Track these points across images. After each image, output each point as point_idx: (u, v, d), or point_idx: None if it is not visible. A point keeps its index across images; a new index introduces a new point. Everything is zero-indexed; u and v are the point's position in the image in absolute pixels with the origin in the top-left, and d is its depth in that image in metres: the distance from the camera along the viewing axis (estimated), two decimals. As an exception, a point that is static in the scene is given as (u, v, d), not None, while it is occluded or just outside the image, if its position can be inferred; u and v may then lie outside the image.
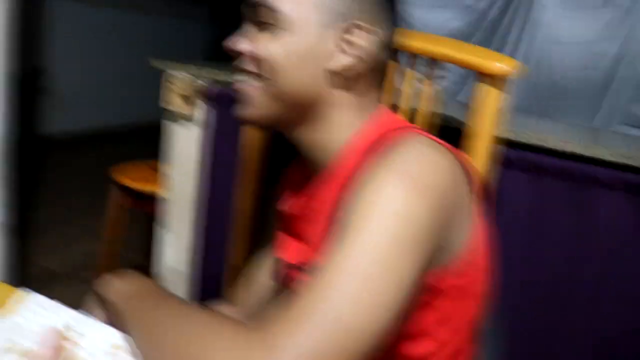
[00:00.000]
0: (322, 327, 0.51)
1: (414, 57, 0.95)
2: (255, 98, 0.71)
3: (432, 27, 4.40)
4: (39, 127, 4.78)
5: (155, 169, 1.89)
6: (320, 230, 0.72)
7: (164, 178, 1.46)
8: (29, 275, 2.32)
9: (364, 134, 0.73)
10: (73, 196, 3.56)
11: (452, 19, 4.42)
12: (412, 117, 0.98)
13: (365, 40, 0.69)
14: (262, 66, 0.69)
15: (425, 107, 0.96)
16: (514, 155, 1.07)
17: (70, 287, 2.32)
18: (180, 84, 1.28)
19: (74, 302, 0.65)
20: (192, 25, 6.93)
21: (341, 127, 0.73)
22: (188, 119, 1.35)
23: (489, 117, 0.87)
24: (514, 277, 1.11)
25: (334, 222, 0.68)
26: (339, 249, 0.55)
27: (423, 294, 0.63)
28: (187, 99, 1.30)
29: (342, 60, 0.69)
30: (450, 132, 1.04)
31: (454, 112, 1.15)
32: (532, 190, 1.09)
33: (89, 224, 3.05)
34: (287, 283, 0.80)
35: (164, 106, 1.33)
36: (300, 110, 0.72)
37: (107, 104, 5.65)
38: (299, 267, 0.78)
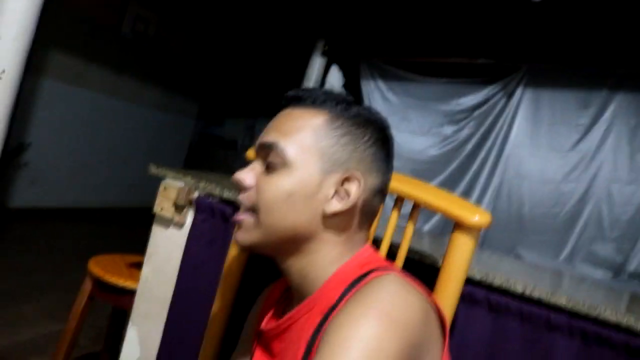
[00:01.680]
0: None
1: (401, 199, 1.04)
2: (250, 229, 0.78)
3: (414, 152, 4.65)
4: (11, 199, 4.75)
5: (129, 263, 1.91)
6: (297, 354, 0.76)
7: (141, 274, 1.48)
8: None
9: (347, 269, 0.78)
10: (33, 273, 3.48)
11: (432, 147, 4.67)
12: (393, 250, 1.05)
13: (360, 189, 0.76)
14: (259, 203, 0.76)
15: (406, 244, 1.03)
16: (479, 295, 1.13)
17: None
18: (176, 193, 1.34)
19: None
20: (180, 119, 7.12)
21: (327, 261, 0.79)
22: (177, 226, 1.40)
23: (462, 263, 0.94)
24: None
25: (311, 349, 0.73)
26: None
27: None
28: (179, 207, 1.36)
29: (337, 206, 0.76)
30: (426, 269, 1.12)
31: (434, 250, 1.22)
32: (492, 329, 1.13)
33: (46, 304, 2.97)
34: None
35: (157, 212, 1.38)
36: (291, 243, 0.78)
37: (85, 183, 5.66)
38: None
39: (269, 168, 0.77)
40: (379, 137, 0.81)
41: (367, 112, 0.81)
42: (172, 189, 1.36)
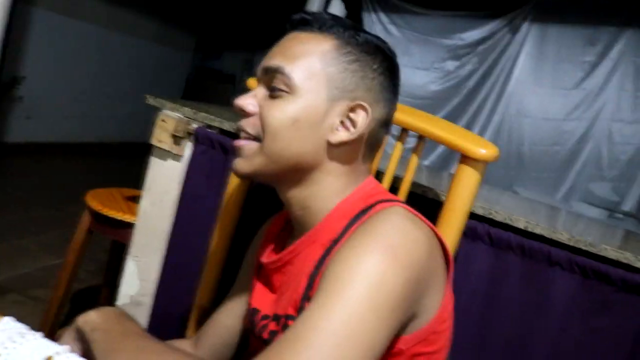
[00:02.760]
0: None
1: (405, 131, 1.01)
2: (252, 155, 0.75)
3: (415, 87, 4.58)
4: (7, 134, 4.71)
5: (127, 197, 1.90)
6: (299, 287, 0.75)
7: (139, 208, 1.47)
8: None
9: (350, 202, 0.77)
10: (31, 207, 3.50)
11: (433, 82, 4.60)
12: (395, 184, 1.04)
13: (366, 119, 0.74)
14: (264, 130, 0.73)
15: (409, 177, 1.01)
16: (481, 229, 1.13)
17: (20, 304, 2.26)
18: (174, 124, 1.31)
19: (22, 321, 0.65)
20: (177, 53, 6.98)
21: (330, 192, 0.77)
22: (175, 158, 1.37)
23: (466, 196, 0.92)
24: (466, 345, 1.15)
25: (313, 282, 0.72)
26: (318, 309, 0.59)
27: (390, 357, 0.67)
28: (178, 139, 1.33)
29: (342, 135, 0.74)
30: (429, 203, 1.11)
31: (433, 184, 1.20)
32: (493, 264, 1.13)
33: (45, 238, 3.00)
34: (259, 332, 0.82)
35: (154, 143, 1.35)
36: (294, 173, 0.76)
37: (80, 118, 5.61)
38: (273, 318, 0.81)
39: (273, 93, 0.74)
40: (388, 65, 0.78)
41: (376, 39, 0.78)
42: (170, 120, 1.32)
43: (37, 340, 0.62)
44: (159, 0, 6.25)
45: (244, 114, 0.76)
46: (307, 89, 0.72)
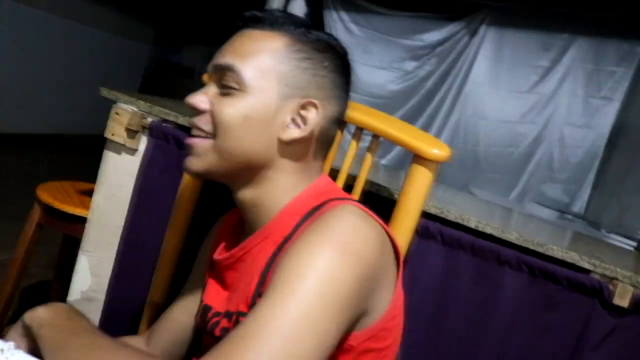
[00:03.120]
0: None
1: (360, 129, 1.02)
2: (204, 153, 0.75)
3: (374, 86, 4.61)
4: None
5: (80, 191, 1.86)
6: (251, 284, 0.75)
7: (92, 202, 1.44)
8: None
9: (302, 199, 0.77)
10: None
11: (392, 82, 4.64)
12: (350, 182, 1.05)
13: (318, 117, 0.74)
14: (217, 126, 0.73)
15: (364, 175, 1.02)
16: (433, 228, 1.15)
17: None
18: (128, 118, 1.29)
19: None
20: (136, 45, 6.84)
21: (282, 190, 0.78)
22: (130, 152, 1.35)
23: (419, 195, 0.94)
24: (418, 342, 1.17)
25: (265, 278, 0.72)
26: (268, 305, 0.59)
27: (341, 353, 0.68)
28: (132, 132, 1.31)
29: (294, 133, 0.74)
30: (382, 201, 1.12)
31: (388, 183, 1.22)
32: (444, 262, 1.16)
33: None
34: (211, 329, 0.82)
35: (108, 136, 1.33)
36: (246, 171, 0.76)
37: (35, 109, 5.43)
38: (225, 315, 0.80)
39: (224, 91, 0.74)
40: (339, 63, 0.79)
41: (327, 37, 0.79)
42: (124, 113, 1.30)
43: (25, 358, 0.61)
44: (118, -10, 6.11)
45: (196, 111, 0.76)
46: (258, 86, 0.72)
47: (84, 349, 0.64)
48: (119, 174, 1.38)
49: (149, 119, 1.32)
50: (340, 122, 0.82)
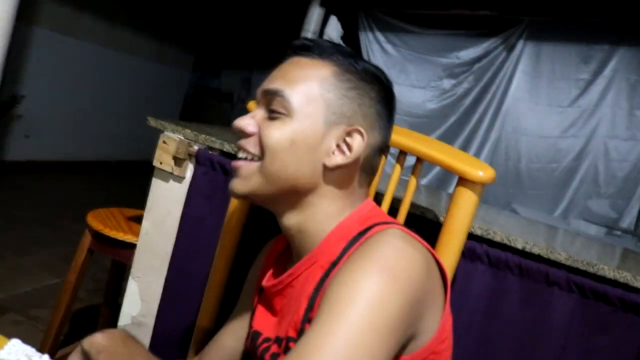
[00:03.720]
0: None
1: (404, 153, 1.03)
2: (249, 176, 0.76)
3: (412, 105, 4.61)
4: (6, 152, 4.72)
5: (128, 217, 1.91)
6: (299, 309, 0.76)
7: (141, 228, 1.48)
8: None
9: (347, 224, 0.78)
10: (30, 226, 3.50)
11: (430, 101, 4.63)
12: (395, 205, 1.05)
13: (362, 144, 0.76)
14: (263, 149, 0.75)
15: (408, 198, 1.02)
16: (479, 250, 1.14)
17: (19, 324, 2.25)
18: (175, 146, 1.32)
19: (23, 341, 0.66)
20: (176, 71, 7.02)
21: (327, 216, 0.79)
22: (177, 179, 1.39)
23: (465, 218, 0.94)
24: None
25: (313, 304, 0.73)
26: (318, 330, 0.60)
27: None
28: (179, 160, 1.34)
29: (339, 159, 0.75)
30: (427, 223, 1.12)
31: (431, 205, 1.22)
32: (491, 284, 1.14)
33: (44, 257, 2.99)
34: (261, 355, 0.83)
35: (156, 165, 1.37)
36: (290, 195, 0.77)
37: (79, 136, 5.62)
38: (275, 341, 0.81)
39: (272, 115, 0.76)
40: (384, 95, 0.80)
41: (374, 68, 0.80)
42: (171, 141, 1.34)
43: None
44: (158, 19, 6.30)
45: (243, 134, 0.78)
46: (305, 112, 0.74)
47: None
48: (167, 201, 1.42)
49: (195, 147, 1.36)
50: (383, 150, 0.83)
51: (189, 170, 1.38)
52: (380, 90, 0.79)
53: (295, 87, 0.75)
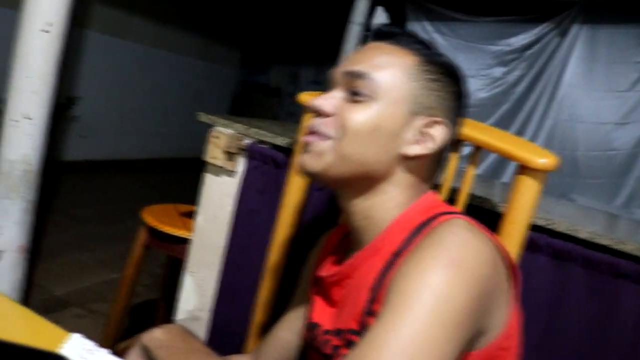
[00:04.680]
0: None
1: (459, 141, 1.00)
2: (323, 153, 0.74)
3: (461, 95, 4.51)
4: (63, 153, 4.89)
5: (181, 213, 1.94)
6: (360, 300, 0.75)
7: (195, 223, 1.49)
8: (36, 300, 2.33)
9: (410, 214, 0.76)
10: (87, 223, 3.61)
11: (480, 89, 4.53)
12: (452, 196, 1.02)
13: (440, 136, 0.75)
14: (344, 131, 0.73)
15: (466, 188, 0.99)
16: (543, 241, 1.10)
17: (80, 318, 2.33)
18: (226, 141, 1.33)
19: (85, 334, 0.67)
20: (223, 68, 7.11)
21: (394, 204, 0.77)
22: (229, 174, 1.39)
23: (527, 208, 0.90)
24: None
25: (376, 295, 0.72)
26: (384, 325, 0.59)
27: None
28: (230, 155, 1.35)
29: (416, 149, 0.74)
30: (485, 213, 1.09)
31: (489, 194, 1.18)
32: (556, 277, 1.10)
33: (101, 253, 3.08)
34: (321, 347, 0.82)
35: (207, 159, 1.38)
36: (362, 179, 0.76)
37: (132, 135, 5.77)
38: (335, 333, 0.80)
39: (355, 97, 0.74)
40: (461, 90, 0.80)
41: (452, 62, 0.79)
42: (222, 136, 1.34)
43: (105, 358, 0.64)
44: (204, 18, 6.39)
45: (321, 114, 0.76)
46: (391, 98, 0.73)
47: None
48: (219, 195, 1.43)
49: (246, 141, 1.36)
50: (453, 144, 0.82)
51: (241, 164, 1.38)
52: (457, 85, 0.79)
53: (381, 71, 0.73)
